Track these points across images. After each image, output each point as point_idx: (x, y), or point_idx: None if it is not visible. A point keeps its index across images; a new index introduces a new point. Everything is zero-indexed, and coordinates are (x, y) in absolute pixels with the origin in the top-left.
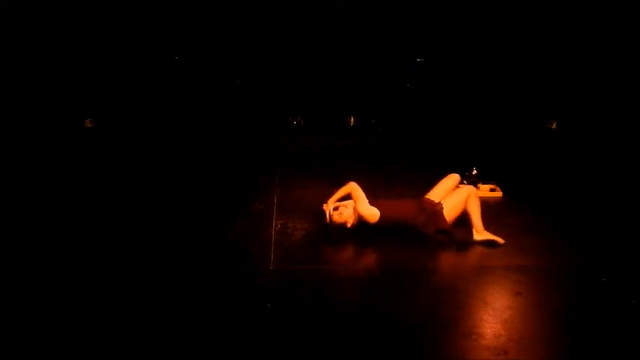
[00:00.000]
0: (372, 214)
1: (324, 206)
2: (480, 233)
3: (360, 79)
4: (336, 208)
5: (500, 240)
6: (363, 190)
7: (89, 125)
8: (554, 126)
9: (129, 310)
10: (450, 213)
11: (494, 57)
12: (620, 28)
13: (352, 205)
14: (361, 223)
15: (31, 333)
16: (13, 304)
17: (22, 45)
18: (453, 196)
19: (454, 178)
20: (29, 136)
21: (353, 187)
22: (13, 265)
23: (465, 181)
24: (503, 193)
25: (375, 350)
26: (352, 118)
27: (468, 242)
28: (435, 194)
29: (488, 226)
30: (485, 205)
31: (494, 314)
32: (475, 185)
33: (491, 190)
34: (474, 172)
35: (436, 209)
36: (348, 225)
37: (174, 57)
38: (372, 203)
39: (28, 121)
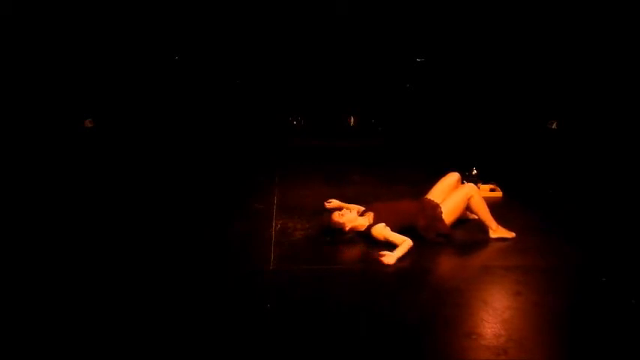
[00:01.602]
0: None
1: (327, 204)
2: (495, 231)
3: (360, 79)
4: (339, 209)
5: (512, 234)
6: (364, 193)
7: (89, 125)
8: (554, 126)
9: (129, 310)
10: (449, 215)
11: (494, 57)
12: (620, 28)
13: (356, 212)
14: (360, 232)
15: (30, 333)
16: (13, 304)
17: (22, 45)
18: (453, 197)
19: (454, 176)
20: (29, 136)
21: (408, 244)
22: (14, 266)
23: (464, 182)
24: (503, 193)
25: (376, 350)
26: (352, 118)
27: (466, 243)
28: (435, 194)
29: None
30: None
31: (494, 314)
32: (475, 185)
33: (491, 190)
34: (474, 172)
35: (436, 214)
36: (346, 229)
37: (174, 57)
38: (371, 206)
39: (28, 121)
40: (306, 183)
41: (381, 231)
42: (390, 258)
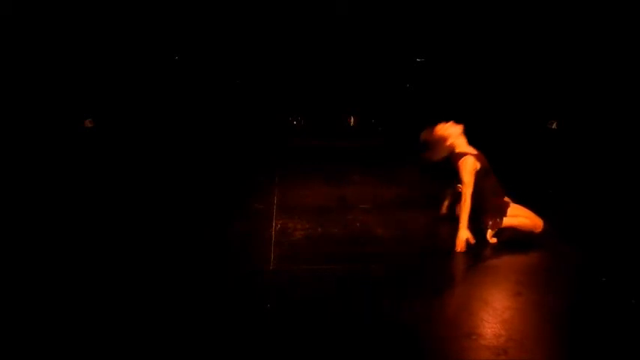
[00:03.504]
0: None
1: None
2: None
3: (360, 79)
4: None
5: (492, 240)
6: (364, 193)
7: (89, 125)
8: (554, 126)
9: (128, 310)
10: (514, 214)
11: (494, 57)
12: (620, 28)
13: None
14: (450, 156)
15: (31, 333)
16: (13, 304)
17: (23, 45)
18: (524, 212)
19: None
20: (29, 136)
21: (467, 208)
22: (14, 266)
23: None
24: None
25: (375, 350)
26: (352, 119)
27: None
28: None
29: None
30: None
31: (494, 314)
32: None
33: None
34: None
35: (503, 208)
36: (447, 142)
37: (174, 57)
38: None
39: (28, 121)
40: (306, 183)
41: (469, 168)
42: (461, 244)
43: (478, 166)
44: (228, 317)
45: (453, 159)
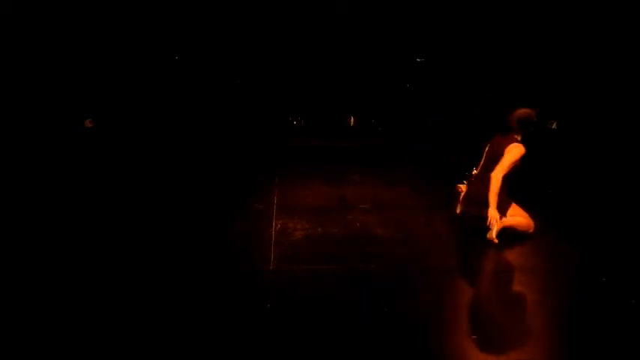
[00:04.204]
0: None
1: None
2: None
3: (360, 79)
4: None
5: (494, 240)
6: (364, 193)
7: (89, 125)
8: (554, 126)
9: (128, 310)
10: (512, 214)
11: (494, 57)
12: (620, 28)
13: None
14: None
15: (30, 333)
16: (13, 304)
17: (22, 45)
18: (520, 212)
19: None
20: (29, 136)
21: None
22: (14, 265)
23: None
24: None
25: (375, 350)
26: (352, 118)
27: (467, 244)
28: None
29: None
30: None
31: (495, 314)
32: None
33: None
34: (475, 171)
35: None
36: (533, 118)
37: (174, 57)
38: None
39: (28, 121)
40: (306, 183)
41: (516, 157)
42: (494, 225)
43: (519, 163)
44: (229, 317)
45: (503, 140)
